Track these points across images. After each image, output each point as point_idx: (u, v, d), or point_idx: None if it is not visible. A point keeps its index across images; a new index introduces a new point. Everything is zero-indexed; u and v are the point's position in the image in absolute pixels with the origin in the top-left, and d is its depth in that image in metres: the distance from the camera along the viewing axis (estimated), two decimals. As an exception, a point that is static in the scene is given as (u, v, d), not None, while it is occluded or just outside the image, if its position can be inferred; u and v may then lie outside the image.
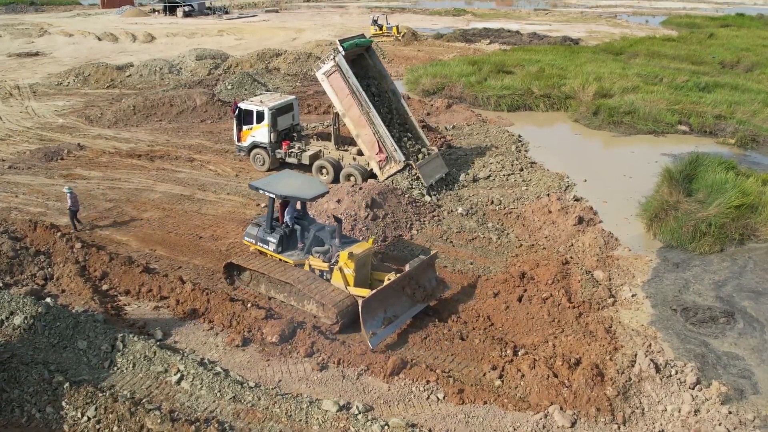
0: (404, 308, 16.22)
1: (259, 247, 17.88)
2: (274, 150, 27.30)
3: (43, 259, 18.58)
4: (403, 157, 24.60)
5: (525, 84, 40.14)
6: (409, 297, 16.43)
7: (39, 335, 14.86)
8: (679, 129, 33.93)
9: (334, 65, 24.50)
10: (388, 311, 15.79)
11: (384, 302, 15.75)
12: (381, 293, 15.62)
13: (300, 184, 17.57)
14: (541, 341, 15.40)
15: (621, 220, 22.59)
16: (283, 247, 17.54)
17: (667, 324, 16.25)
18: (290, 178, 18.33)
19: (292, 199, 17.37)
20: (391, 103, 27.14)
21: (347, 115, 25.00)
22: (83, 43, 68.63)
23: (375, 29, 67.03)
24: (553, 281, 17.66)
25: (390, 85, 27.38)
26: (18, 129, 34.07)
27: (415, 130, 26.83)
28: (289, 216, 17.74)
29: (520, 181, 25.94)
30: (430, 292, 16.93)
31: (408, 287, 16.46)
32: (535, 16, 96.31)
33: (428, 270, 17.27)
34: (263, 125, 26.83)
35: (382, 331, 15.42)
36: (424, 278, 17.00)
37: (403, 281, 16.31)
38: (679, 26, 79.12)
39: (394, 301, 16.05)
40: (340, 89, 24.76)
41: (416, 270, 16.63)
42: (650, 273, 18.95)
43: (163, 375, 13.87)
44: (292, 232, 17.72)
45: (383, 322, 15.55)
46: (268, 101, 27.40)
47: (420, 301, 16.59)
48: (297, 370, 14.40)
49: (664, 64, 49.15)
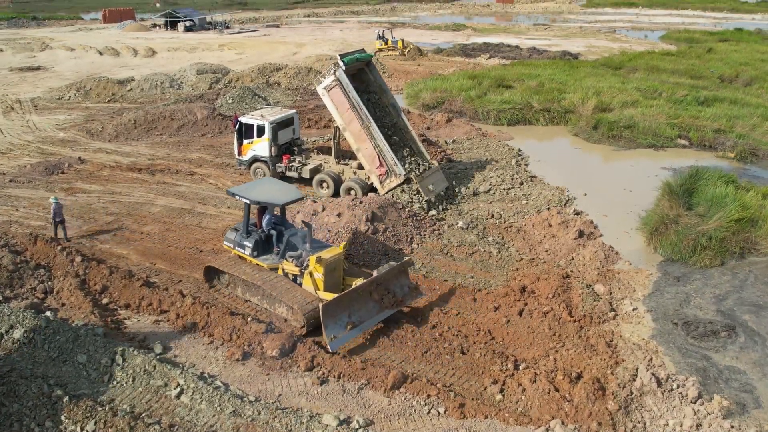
0: (370, 313, 16.42)
1: (237, 251, 18.41)
2: (275, 164, 27.36)
3: (43, 273, 18.56)
4: (404, 171, 24.63)
5: (525, 98, 40.29)
6: (377, 302, 16.64)
7: (39, 349, 14.81)
8: (678, 143, 34.02)
9: (334, 80, 24.62)
10: (353, 315, 16.03)
11: (348, 307, 16.00)
12: (344, 298, 15.97)
13: (275, 190, 18.18)
14: (542, 355, 15.36)
15: (621, 233, 22.60)
16: (259, 251, 18.03)
17: (669, 338, 16.21)
18: (267, 184, 19.13)
19: (264, 204, 17.84)
20: (391, 118, 27.19)
21: (348, 129, 25.07)
22: (84, 57, 68.95)
23: (380, 44, 67.34)
24: (553, 295, 17.65)
25: (390, 99, 27.47)
26: (19, 143, 34.15)
27: (416, 144, 26.87)
28: (266, 221, 18.25)
29: (521, 195, 25.97)
30: (400, 299, 17.11)
31: (375, 292, 16.68)
32: (534, 30, 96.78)
33: (400, 276, 17.58)
34: (264, 139, 26.91)
35: (344, 335, 15.67)
36: (395, 284, 17.27)
37: (369, 286, 16.57)
38: (677, 41, 79.49)
39: (360, 306, 16.28)
40: (341, 103, 24.86)
41: (385, 276, 16.93)
42: (651, 287, 18.92)
43: (162, 389, 13.81)
44: (268, 237, 18.22)
45: (346, 326, 15.77)
46: (269, 115, 27.48)
47: (388, 306, 16.74)
48: (297, 384, 14.35)
49: (664, 78, 49.37)
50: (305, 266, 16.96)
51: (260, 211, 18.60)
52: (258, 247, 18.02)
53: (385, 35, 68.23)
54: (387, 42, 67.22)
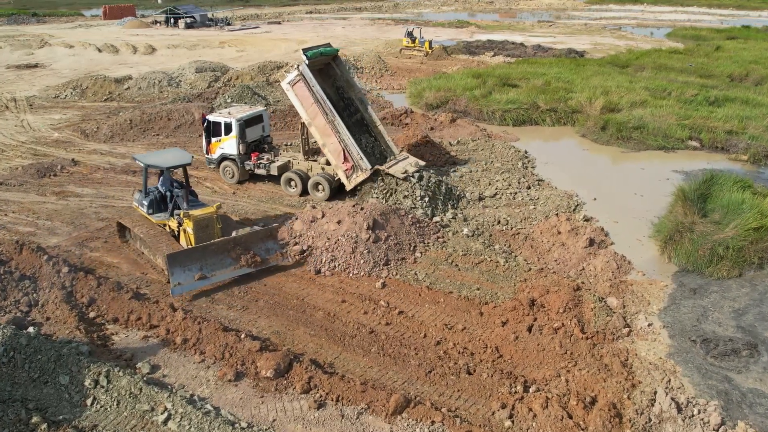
0: (224, 268, 18.46)
1: (140, 210, 20.82)
2: (243, 162, 26.93)
3: (27, 285, 17.63)
4: (370, 165, 24.21)
5: (530, 98, 39.24)
6: (234, 260, 18.65)
7: (19, 369, 13.90)
8: (689, 144, 33.01)
9: (298, 74, 24.47)
10: (204, 268, 18.05)
11: (200, 260, 18.05)
12: (194, 251, 18.15)
13: (169, 156, 21.16)
14: (553, 375, 14.45)
15: (633, 241, 21.67)
16: (154, 209, 20.39)
17: (687, 357, 15.29)
18: (167, 152, 22.51)
19: (153, 167, 20.54)
20: (360, 113, 27.13)
21: (313, 124, 24.81)
22: (83, 54, 68.06)
23: (407, 41, 66.20)
24: (564, 309, 16.73)
25: (358, 93, 27.38)
26: (12, 143, 33.29)
27: (383, 138, 26.69)
28: (161, 182, 20.75)
29: (528, 200, 25.03)
30: (260, 260, 19.06)
31: (233, 252, 18.68)
32: (538, 28, 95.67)
33: (267, 240, 19.66)
34: (231, 137, 26.52)
35: (190, 284, 17.77)
36: (258, 246, 19.33)
37: (226, 245, 18.65)
38: (684, 38, 78.29)
39: (214, 261, 18.31)
40: (305, 98, 24.64)
41: (243, 238, 19.02)
42: (666, 300, 17.99)
43: (149, 414, 12.93)
44: (164, 197, 20.56)
45: (195, 276, 17.81)
46: (236, 113, 27.15)
47: (246, 265, 18.75)
48: (293, 407, 13.46)
49: (672, 77, 48.33)
50: (180, 223, 19.24)
51: (159, 174, 21.21)
52: (153, 206, 20.36)
53: (413, 33, 67.05)
54: (414, 41, 65.98)
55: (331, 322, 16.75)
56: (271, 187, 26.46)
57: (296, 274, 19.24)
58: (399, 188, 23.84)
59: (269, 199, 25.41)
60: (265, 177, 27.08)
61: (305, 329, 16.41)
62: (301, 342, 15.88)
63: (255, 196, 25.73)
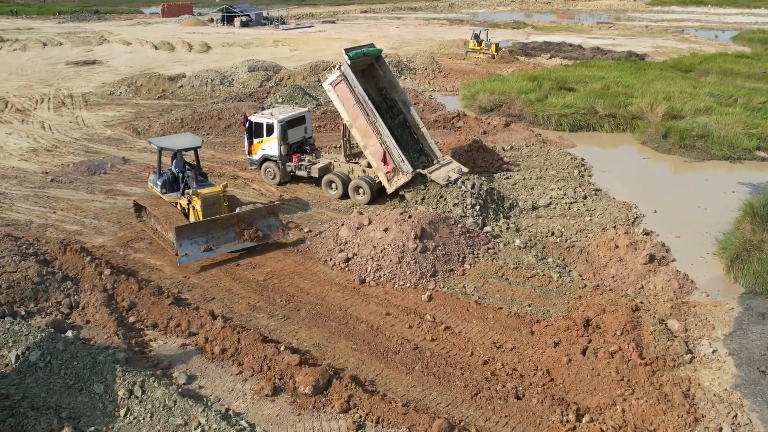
0: (228, 242, 19.86)
1: (155, 190, 22.25)
2: (285, 163, 26.57)
3: (69, 286, 17.49)
4: (411, 168, 23.58)
5: (588, 102, 37.90)
6: (239, 234, 20.06)
7: (55, 375, 13.67)
8: (757, 155, 31.30)
9: (340, 75, 24.08)
10: (210, 241, 19.48)
11: (206, 233, 19.50)
12: (200, 225, 19.64)
13: (181, 140, 22.81)
14: (609, 404, 13.49)
15: (697, 258, 20.42)
16: (167, 189, 21.80)
17: (755, 389, 14.12)
18: (180, 137, 24.13)
19: (165, 150, 21.91)
20: (404, 114, 26.55)
21: (354, 125, 24.38)
22: (140, 52, 69.08)
23: (473, 43, 65.35)
24: (621, 331, 15.67)
25: (401, 95, 26.73)
26: (65, 140, 33.63)
27: (426, 141, 25.95)
28: (174, 164, 22.24)
29: (584, 211, 23.93)
30: (262, 235, 20.40)
31: (237, 226, 20.11)
32: (597, 29, 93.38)
33: (269, 217, 20.93)
34: (273, 138, 26.20)
35: (197, 254, 19.19)
36: (261, 222, 20.60)
37: (231, 220, 20.07)
38: (751, 42, 75.18)
39: (219, 234, 19.73)
40: (347, 99, 24.25)
41: (247, 214, 20.47)
42: (732, 324, 16.76)
43: (182, 428, 12.46)
44: (176, 177, 21.95)
45: (201, 248, 19.25)
46: (279, 114, 26.78)
47: (249, 239, 20.15)
48: (331, 428, 12.84)
49: (738, 83, 46.16)
50: (190, 200, 20.50)
51: (173, 157, 22.48)
52: (166, 186, 21.80)
53: (480, 36, 66.21)
54: (481, 43, 65.06)
55: (374, 335, 16.09)
56: (318, 190, 25.98)
57: (340, 283, 18.65)
58: (449, 195, 23.05)
59: (316, 203, 24.91)
60: (306, 179, 26.66)
61: (347, 342, 15.79)
62: (342, 356, 15.26)
63: (301, 200, 25.25)
